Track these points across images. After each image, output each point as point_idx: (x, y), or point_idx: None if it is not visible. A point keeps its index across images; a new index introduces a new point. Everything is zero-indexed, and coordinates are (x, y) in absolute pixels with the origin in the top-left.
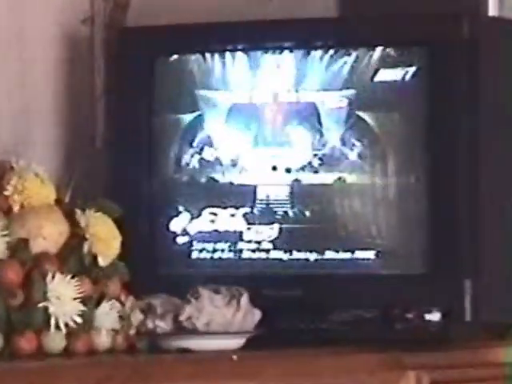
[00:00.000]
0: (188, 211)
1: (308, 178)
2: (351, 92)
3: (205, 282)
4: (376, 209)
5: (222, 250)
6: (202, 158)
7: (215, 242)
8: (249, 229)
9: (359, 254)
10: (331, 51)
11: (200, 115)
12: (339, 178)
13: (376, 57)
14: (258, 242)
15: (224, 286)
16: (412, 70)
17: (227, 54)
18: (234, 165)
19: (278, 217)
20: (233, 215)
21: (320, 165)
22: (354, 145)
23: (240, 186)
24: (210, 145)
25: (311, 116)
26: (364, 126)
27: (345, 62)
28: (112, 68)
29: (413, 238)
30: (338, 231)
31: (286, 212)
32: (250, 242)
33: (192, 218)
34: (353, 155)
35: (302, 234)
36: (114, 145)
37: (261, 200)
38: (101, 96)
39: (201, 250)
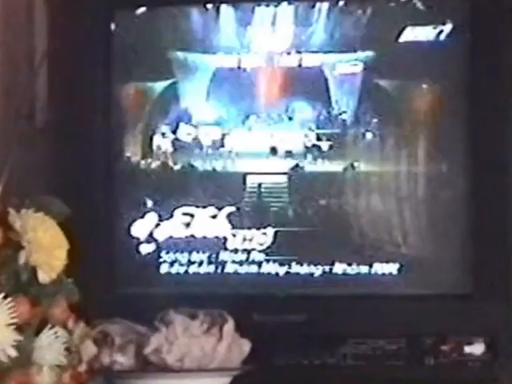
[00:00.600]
0: (156, 211)
1: (312, 165)
2: (368, 54)
3: (178, 304)
4: (400, 207)
5: (200, 263)
6: (176, 139)
7: (191, 252)
8: (234, 235)
9: (379, 268)
10: (342, 2)
11: (174, 83)
12: (351, 165)
13: (401, 10)
14: (247, 252)
15: (202, 309)
16: (448, 27)
17: (209, 5)
18: (217, 147)
19: (272, 217)
20: (214, 216)
21: (328, 148)
22: (370, 122)
23: (225, 175)
24: (188, 121)
25: (317, 85)
26: (384, 98)
27: (360, 17)
28: (56, 25)
29: (449, 247)
30: (351, 237)
31: (283, 210)
32: (236, 251)
33: (161, 220)
34: (369, 136)
35: (304, 241)
36: (59, 124)
37: (251, 193)
38: (42, 62)
39: (172, 263)
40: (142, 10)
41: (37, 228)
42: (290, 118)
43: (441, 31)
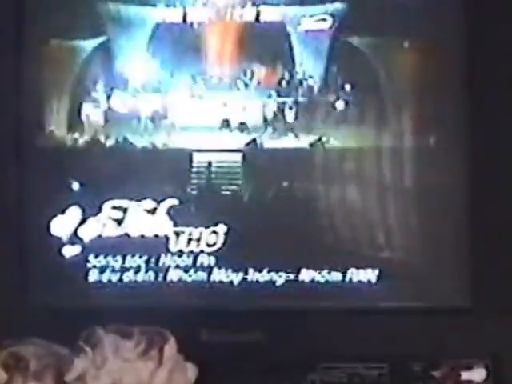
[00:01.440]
0: (80, 205)
1: (272, 140)
2: (338, 6)
3: (107, 320)
4: (382, 197)
5: (137, 269)
6: (109, 109)
7: (124, 256)
8: (177, 233)
9: (356, 275)
10: None
11: (106, 42)
12: (319, 140)
13: None
14: (194, 255)
15: (138, 325)
16: None
17: None
18: (158, 119)
19: (225, 208)
20: (152, 211)
21: (292, 119)
22: (341, 88)
23: (167, 154)
24: (123, 88)
25: (277, 43)
26: (358, 59)
27: None
28: None
29: (443, 249)
30: (321, 236)
31: (237, 199)
32: (179, 254)
33: (86, 216)
34: (341, 105)
35: (264, 241)
36: None
37: (198, 176)
38: None
39: (102, 269)
40: None
41: None
42: (246, 84)
43: None
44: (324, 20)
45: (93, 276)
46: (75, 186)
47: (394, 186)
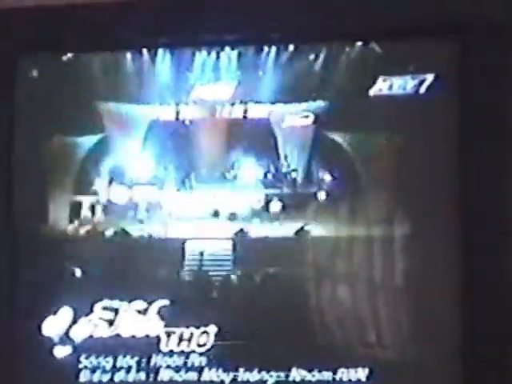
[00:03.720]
0: (72, 305)
1: (259, 229)
2: (320, 104)
3: None
4: (370, 290)
5: (128, 369)
6: (107, 201)
7: (115, 356)
8: (168, 334)
9: (346, 374)
10: (291, 47)
11: (104, 138)
12: (302, 229)
13: (357, 56)
14: (185, 355)
15: None
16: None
17: (143, 50)
18: (153, 210)
19: (215, 308)
20: (142, 312)
21: (277, 209)
22: (322, 180)
23: (161, 242)
24: (121, 181)
25: (264, 139)
26: (338, 153)
27: (311, 63)
28: None
29: (435, 347)
30: (311, 334)
31: (227, 290)
32: (170, 354)
33: (77, 316)
34: (321, 195)
35: (254, 341)
36: None
37: (191, 264)
38: None
39: (93, 369)
40: (69, 55)
41: None
42: (234, 177)
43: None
44: (306, 117)
45: (84, 376)
46: (77, 272)
47: (382, 278)
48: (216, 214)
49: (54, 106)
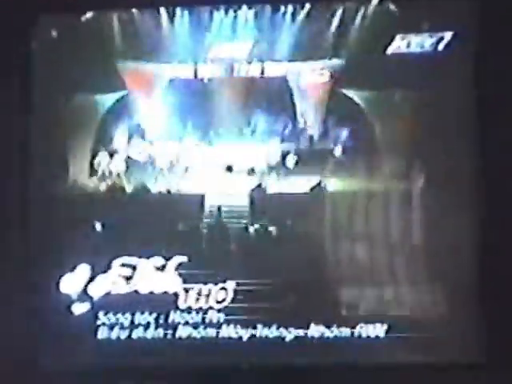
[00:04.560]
0: (90, 262)
1: (275, 185)
2: (335, 62)
3: (117, 378)
4: (386, 244)
5: (146, 326)
6: (128, 157)
7: (133, 313)
8: (187, 290)
9: (363, 331)
10: (307, 5)
11: (125, 96)
12: (319, 185)
13: (374, 12)
14: (203, 312)
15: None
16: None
17: (161, 9)
18: (173, 165)
19: (233, 265)
20: (161, 268)
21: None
22: (338, 136)
23: (180, 197)
24: (141, 137)
25: (281, 96)
26: (354, 110)
27: (328, 22)
28: None
29: (455, 301)
30: (329, 290)
31: (245, 239)
32: (188, 311)
33: (95, 274)
34: (337, 151)
35: (271, 298)
36: None
37: (209, 217)
38: None
39: (111, 326)
40: (87, 15)
41: None
42: (252, 133)
43: (411, 41)
44: (322, 74)
45: (102, 333)
46: (97, 226)
47: (398, 234)
48: (234, 168)
49: (75, 65)
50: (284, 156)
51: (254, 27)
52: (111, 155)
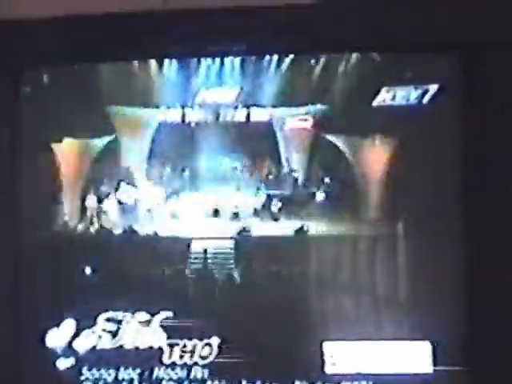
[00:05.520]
0: (75, 317)
1: (260, 228)
2: (319, 107)
3: None
4: (370, 290)
5: (130, 382)
6: (116, 200)
7: (117, 368)
8: (171, 345)
9: None
10: (291, 56)
11: (114, 140)
12: (301, 228)
13: (359, 63)
14: (187, 367)
15: None
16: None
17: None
18: (160, 209)
19: (218, 319)
20: (146, 323)
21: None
22: (322, 181)
23: (167, 240)
24: (129, 181)
25: (265, 140)
26: (336, 155)
27: (312, 68)
28: None
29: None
30: (313, 342)
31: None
32: (172, 366)
33: (80, 328)
34: (320, 195)
35: (256, 352)
36: None
37: (195, 262)
38: None
39: (95, 381)
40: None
41: None
42: (238, 178)
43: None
44: (306, 120)
45: None
46: (87, 271)
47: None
48: (219, 213)
49: (64, 110)
50: (269, 200)
51: (240, 73)
52: (100, 199)
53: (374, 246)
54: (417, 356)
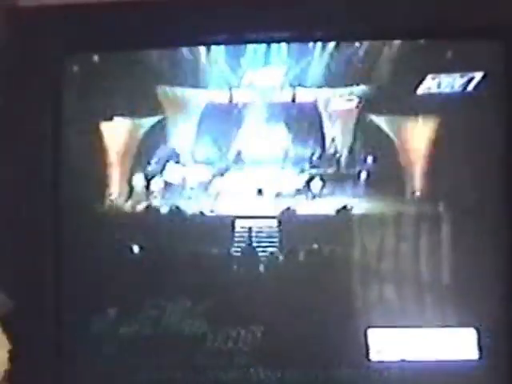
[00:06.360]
0: (115, 305)
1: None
2: (363, 88)
3: None
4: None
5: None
6: (163, 180)
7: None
8: (214, 331)
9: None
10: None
11: (162, 120)
12: (344, 208)
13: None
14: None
15: None
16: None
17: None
18: (206, 188)
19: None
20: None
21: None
22: (364, 160)
23: (212, 219)
24: (176, 160)
25: (311, 121)
26: (380, 135)
27: (356, 50)
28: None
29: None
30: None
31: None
32: (216, 353)
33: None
34: (363, 175)
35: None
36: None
37: (239, 241)
38: None
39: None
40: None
41: None
42: (283, 158)
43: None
44: (350, 100)
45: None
46: (135, 249)
47: (423, 257)
48: (263, 192)
49: (114, 90)
50: (312, 179)
51: (286, 55)
52: (148, 178)
53: (416, 225)
54: (462, 343)
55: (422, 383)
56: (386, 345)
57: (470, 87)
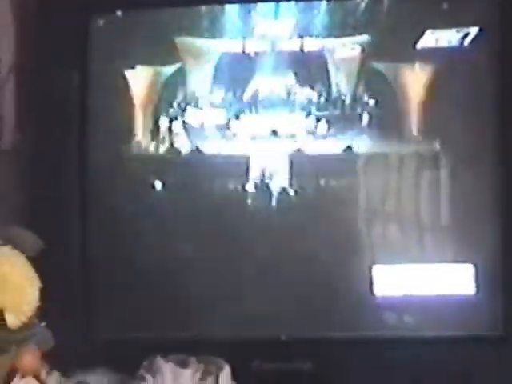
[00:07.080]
0: (139, 240)
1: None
2: (365, 38)
3: (166, 350)
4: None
5: None
6: (184, 122)
7: None
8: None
9: None
10: None
11: (181, 67)
12: (349, 147)
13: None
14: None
15: (194, 354)
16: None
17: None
18: (222, 130)
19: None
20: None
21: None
22: (366, 103)
23: (230, 158)
24: (195, 105)
25: (318, 68)
26: (381, 80)
27: (358, 5)
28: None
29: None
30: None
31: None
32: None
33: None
34: (365, 117)
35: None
36: (32, 144)
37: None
38: (9, 75)
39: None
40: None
41: (3, 263)
42: (293, 102)
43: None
44: (354, 49)
45: None
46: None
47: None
48: (275, 133)
49: (137, 41)
50: (320, 121)
51: (295, 7)
52: (170, 120)
53: (416, 164)
54: (460, 278)
55: (422, 316)
56: (389, 280)
57: (466, 42)
